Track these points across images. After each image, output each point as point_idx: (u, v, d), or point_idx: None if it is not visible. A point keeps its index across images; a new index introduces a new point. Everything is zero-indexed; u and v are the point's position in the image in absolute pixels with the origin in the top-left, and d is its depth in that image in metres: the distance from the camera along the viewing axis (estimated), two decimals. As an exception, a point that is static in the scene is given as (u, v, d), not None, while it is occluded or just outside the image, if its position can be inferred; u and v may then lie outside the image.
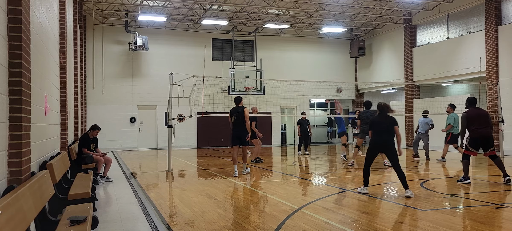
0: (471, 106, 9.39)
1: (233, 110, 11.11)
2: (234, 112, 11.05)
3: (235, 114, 10.99)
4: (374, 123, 8.26)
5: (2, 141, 3.72)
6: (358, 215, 6.35)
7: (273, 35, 26.55)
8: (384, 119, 8.18)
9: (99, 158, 10.10)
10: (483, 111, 9.32)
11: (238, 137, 11.00)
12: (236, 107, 11.14)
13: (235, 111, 11.02)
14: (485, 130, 9.04)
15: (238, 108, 11.07)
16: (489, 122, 9.17)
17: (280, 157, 18.20)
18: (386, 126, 8.10)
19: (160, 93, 22.76)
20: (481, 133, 9.02)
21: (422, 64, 22.91)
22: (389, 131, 8.06)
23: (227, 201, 7.78)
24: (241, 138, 10.98)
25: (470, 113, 9.20)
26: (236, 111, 11.01)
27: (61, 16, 9.37)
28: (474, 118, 9.09)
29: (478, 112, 9.22)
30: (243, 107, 11.05)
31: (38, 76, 5.65)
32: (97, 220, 5.24)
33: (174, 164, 14.24)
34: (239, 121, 10.92)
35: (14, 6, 3.93)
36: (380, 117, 8.25)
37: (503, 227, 5.67)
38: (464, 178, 9.26)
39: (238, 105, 11.16)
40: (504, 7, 18.82)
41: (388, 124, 8.11)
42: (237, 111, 11.00)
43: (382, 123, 8.13)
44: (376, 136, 8.09)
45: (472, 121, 9.09)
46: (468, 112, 9.23)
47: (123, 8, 22.25)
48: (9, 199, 3.10)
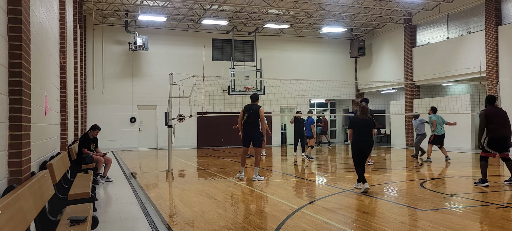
0: (489, 105, 9.03)
1: (247, 108, 10.14)
2: (247, 110, 10.09)
3: (249, 112, 10.03)
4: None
5: (2, 141, 3.72)
6: (358, 215, 6.35)
7: (273, 35, 26.55)
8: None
9: (99, 158, 10.10)
10: (503, 111, 9.05)
11: (249, 137, 10.18)
12: (251, 104, 10.17)
13: (249, 109, 10.05)
14: (504, 130, 8.71)
15: (253, 106, 10.10)
16: (508, 122, 8.82)
17: (280, 157, 18.21)
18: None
19: (160, 93, 22.76)
20: (500, 133, 8.69)
21: (422, 64, 22.91)
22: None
23: (227, 201, 7.78)
24: (253, 139, 10.12)
25: (488, 111, 8.85)
26: (250, 109, 10.04)
27: (61, 16, 9.36)
28: (492, 117, 8.75)
29: (497, 111, 8.94)
30: (259, 106, 10.10)
31: (38, 76, 5.65)
32: (97, 220, 5.24)
33: (174, 164, 14.24)
34: (251, 120, 10.00)
35: (14, 6, 3.93)
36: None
37: (503, 227, 5.67)
38: (481, 181, 8.86)
39: (254, 102, 10.20)
40: (504, 7, 18.82)
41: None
42: (251, 109, 10.03)
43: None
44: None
45: (490, 119, 8.74)
46: (486, 111, 8.87)
47: (123, 8, 22.26)
48: (9, 199, 3.10)
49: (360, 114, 8.55)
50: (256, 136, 10.07)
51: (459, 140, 20.33)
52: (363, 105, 8.61)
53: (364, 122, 8.50)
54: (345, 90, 27.62)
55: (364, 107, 8.57)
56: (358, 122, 8.53)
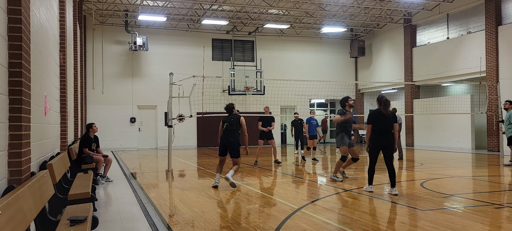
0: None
1: (226, 119, 9.29)
2: (227, 120, 9.26)
3: (229, 121, 9.21)
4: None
5: (2, 141, 3.72)
6: (358, 215, 6.35)
7: (273, 35, 26.55)
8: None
9: (99, 158, 10.09)
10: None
11: (225, 145, 9.15)
12: (229, 115, 9.34)
13: (229, 119, 9.24)
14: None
15: (233, 116, 9.31)
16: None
17: (280, 157, 18.20)
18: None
19: (160, 93, 22.75)
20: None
21: (422, 64, 22.91)
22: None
23: (227, 201, 7.78)
24: (230, 147, 9.07)
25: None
26: (231, 118, 9.24)
27: (61, 16, 9.36)
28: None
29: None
30: (240, 115, 9.35)
31: (38, 76, 5.65)
32: (97, 220, 5.24)
33: (174, 164, 14.24)
34: (231, 127, 9.12)
35: (14, 6, 3.93)
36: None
37: (503, 227, 5.67)
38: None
39: (231, 113, 9.42)
40: (504, 7, 18.82)
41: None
42: (231, 118, 9.24)
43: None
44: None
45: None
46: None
47: (123, 8, 22.25)
48: (9, 199, 3.10)
49: (383, 108, 7.93)
50: (234, 144, 9.02)
51: (459, 140, 20.34)
52: (387, 98, 8.01)
53: (388, 116, 7.90)
54: (345, 90, 27.52)
55: (387, 101, 7.98)
56: (382, 116, 7.89)
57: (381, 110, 7.94)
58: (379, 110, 7.97)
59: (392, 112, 8.08)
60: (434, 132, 21.94)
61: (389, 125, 7.90)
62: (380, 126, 7.88)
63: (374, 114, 8.00)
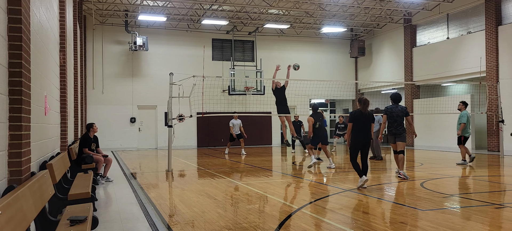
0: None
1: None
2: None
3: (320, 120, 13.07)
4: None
5: (2, 141, 3.72)
6: (358, 215, 6.35)
7: (273, 35, 26.55)
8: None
9: (99, 158, 10.09)
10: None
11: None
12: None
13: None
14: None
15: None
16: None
17: (280, 157, 18.20)
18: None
19: (160, 93, 22.75)
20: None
21: (422, 64, 22.91)
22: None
23: (227, 201, 7.78)
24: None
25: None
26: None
27: (61, 16, 9.36)
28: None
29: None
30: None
31: (38, 76, 5.65)
32: (97, 220, 5.24)
33: (174, 164, 14.24)
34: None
35: (14, 6, 3.93)
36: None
37: (503, 227, 5.67)
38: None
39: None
40: (504, 7, 18.82)
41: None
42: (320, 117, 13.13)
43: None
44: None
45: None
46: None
47: (123, 8, 22.25)
48: (9, 199, 3.10)
49: (363, 108, 8.55)
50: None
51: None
52: (366, 98, 8.62)
53: (367, 116, 8.55)
54: (345, 90, 27.60)
55: (367, 101, 8.58)
56: (361, 116, 8.54)
57: (361, 110, 8.55)
58: (359, 110, 8.60)
59: (370, 112, 8.74)
60: (434, 132, 21.92)
61: (368, 123, 8.58)
62: (360, 124, 8.49)
63: (354, 114, 8.63)
